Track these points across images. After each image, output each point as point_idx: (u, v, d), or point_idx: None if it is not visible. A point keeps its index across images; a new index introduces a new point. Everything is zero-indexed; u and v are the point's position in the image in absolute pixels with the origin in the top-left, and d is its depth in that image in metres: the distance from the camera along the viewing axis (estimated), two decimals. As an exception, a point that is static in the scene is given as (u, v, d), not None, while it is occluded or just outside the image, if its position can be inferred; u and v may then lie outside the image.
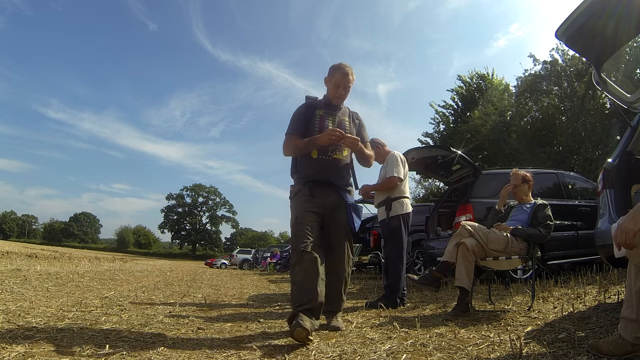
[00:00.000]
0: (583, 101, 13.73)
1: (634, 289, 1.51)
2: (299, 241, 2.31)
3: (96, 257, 16.70)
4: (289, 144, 2.45)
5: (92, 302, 3.54)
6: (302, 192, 2.43)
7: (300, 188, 2.45)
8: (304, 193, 2.42)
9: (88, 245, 69.08)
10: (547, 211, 3.05)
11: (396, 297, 3.42)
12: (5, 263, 8.33)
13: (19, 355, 1.71)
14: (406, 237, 3.61)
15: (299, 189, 2.45)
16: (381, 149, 3.80)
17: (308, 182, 2.44)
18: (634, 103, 3.00)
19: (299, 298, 2.27)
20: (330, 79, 2.54)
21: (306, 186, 2.44)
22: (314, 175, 2.45)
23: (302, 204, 2.40)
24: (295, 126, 2.48)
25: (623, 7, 2.56)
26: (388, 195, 3.63)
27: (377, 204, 3.82)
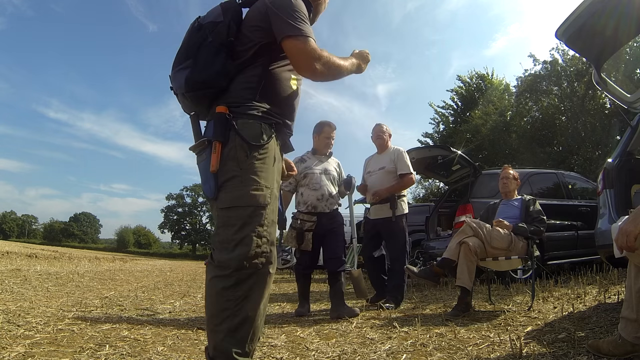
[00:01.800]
0: (583, 101, 13.72)
1: (634, 289, 1.51)
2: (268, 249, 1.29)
3: (96, 257, 16.69)
4: (330, 58, 1.38)
5: (92, 302, 3.54)
6: (272, 142, 1.36)
7: (270, 133, 1.36)
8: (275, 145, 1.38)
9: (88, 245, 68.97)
10: (537, 205, 3.15)
11: (402, 297, 3.44)
12: (5, 263, 8.32)
13: (19, 355, 1.71)
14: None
15: (268, 135, 1.35)
16: (388, 138, 3.67)
17: (281, 126, 1.42)
18: (634, 103, 3.00)
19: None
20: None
21: (280, 134, 1.42)
22: (290, 116, 1.46)
23: (274, 171, 1.37)
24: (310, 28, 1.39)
25: (623, 7, 2.56)
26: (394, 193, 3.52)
27: (376, 200, 3.58)
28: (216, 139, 1.28)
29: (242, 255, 1.22)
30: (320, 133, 3.30)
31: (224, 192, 1.27)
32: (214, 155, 1.27)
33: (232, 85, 1.35)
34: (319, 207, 3.17)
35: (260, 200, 1.28)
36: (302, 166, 3.24)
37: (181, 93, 1.38)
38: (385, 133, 3.66)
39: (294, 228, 3.18)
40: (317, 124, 3.35)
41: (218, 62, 1.32)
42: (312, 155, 3.33)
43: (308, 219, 3.16)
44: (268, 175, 1.32)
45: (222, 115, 1.29)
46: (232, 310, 1.20)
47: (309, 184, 3.20)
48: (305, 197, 3.19)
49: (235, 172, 1.27)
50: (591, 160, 13.28)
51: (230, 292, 1.21)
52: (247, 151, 1.29)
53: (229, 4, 1.41)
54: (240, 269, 1.22)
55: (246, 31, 1.37)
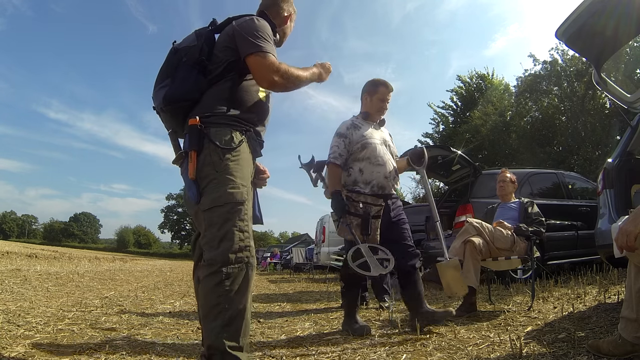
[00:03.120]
0: (583, 101, 13.72)
1: (634, 289, 1.51)
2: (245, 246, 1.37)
3: (96, 257, 16.69)
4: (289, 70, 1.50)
5: (92, 302, 3.54)
6: (244, 146, 1.48)
7: (241, 138, 1.47)
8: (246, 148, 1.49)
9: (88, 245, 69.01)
10: (535, 207, 3.18)
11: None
12: (5, 263, 8.32)
13: (19, 355, 1.71)
14: None
15: (238, 139, 1.46)
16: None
17: (251, 133, 1.52)
18: (634, 103, 3.00)
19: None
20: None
21: (250, 140, 1.52)
22: (260, 124, 1.58)
23: (248, 171, 1.49)
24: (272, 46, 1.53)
25: (623, 7, 2.56)
26: None
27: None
28: (191, 148, 1.40)
29: (227, 250, 1.31)
30: (374, 94, 2.57)
31: (204, 196, 1.38)
32: (191, 163, 1.39)
33: (204, 98, 1.48)
34: (387, 188, 2.46)
35: (237, 197, 1.38)
36: (358, 134, 2.48)
37: (160, 108, 1.51)
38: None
39: (355, 214, 2.37)
40: (370, 82, 2.61)
41: (192, 78, 1.47)
42: (364, 121, 2.58)
43: (374, 202, 2.41)
44: (243, 175, 1.43)
45: (194, 126, 1.41)
46: (223, 305, 1.27)
47: (370, 157, 2.44)
48: (367, 174, 2.43)
49: (212, 175, 1.38)
50: (591, 160, 13.27)
51: (220, 287, 1.28)
52: (221, 154, 1.40)
53: (202, 30, 1.58)
54: (227, 264, 1.30)
55: (217, 52, 1.52)
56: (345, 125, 2.52)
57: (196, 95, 1.47)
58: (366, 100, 2.60)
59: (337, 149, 2.45)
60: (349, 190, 2.42)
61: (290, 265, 11.61)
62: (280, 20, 1.69)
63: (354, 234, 2.28)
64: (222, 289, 1.28)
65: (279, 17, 1.69)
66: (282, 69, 1.46)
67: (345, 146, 2.45)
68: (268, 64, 1.44)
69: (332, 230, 8.62)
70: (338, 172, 2.44)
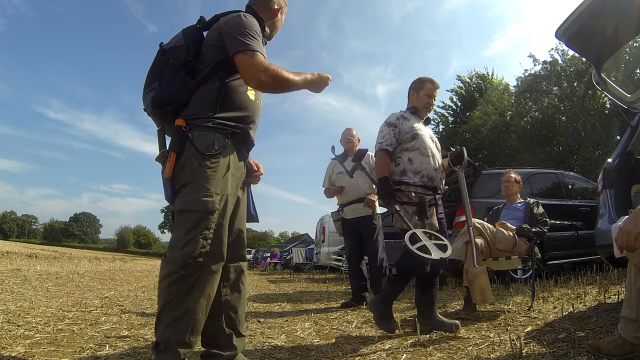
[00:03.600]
0: (583, 101, 13.73)
1: (634, 289, 1.51)
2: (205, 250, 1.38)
3: (96, 257, 16.69)
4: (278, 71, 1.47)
5: (92, 302, 3.54)
6: (225, 152, 1.46)
7: (223, 144, 1.46)
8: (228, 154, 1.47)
9: (88, 245, 69.04)
10: (540, 208, 3.19)
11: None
12: (5, 263, 8.33)
13: (19, 355, 1.71)
14: None
15: (220, 145, 1.45)
16: (357, 142, 3.84)
17: (237, 135, 1.51)
18: (634, 103, 3.00)
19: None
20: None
21: (237, 143, 1.52)
22: (249, 125, 1.56)
23: (227, 180, 1.46)
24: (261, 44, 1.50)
25: (623, 7, 2.56)
26: (369, 192, 3.65)
27: (353, 200, 3.70)
28: (171, 149, 1.42)
29: (188, 254, 1.35)
30: (420, 89, 2.54)
31: (178, 197, 1.41)
32: (169, 163, 1.40)
33: (192, 99, 1.47)
34: (436, 180, 2.41)
35: (209, 205, 1.39)
36: (407, 124, 2.43)
37: (149, 112, 1.51)
38: (354, 137, 3.83)
39: (409, 203, 2.30)
40: (417, 79, 2.60)
41: (179, 80, 1.46)
42: (411, 115, 2.53)
43: (424, 192, 2.35)
44: (219, 183, 1.42)
45: (179, 127, 1.43)
46: (175, 302, 1.34)
47: (419, 147, 2.38)
48: (416, 164, 2.36)
49: (189, 179, 1.40)
50: (591, 160, 13.28)
51: (175, 286, 1.35)
52: (200, 160, 1.41)
53: (189, 29, 1.55)
54: (185, 266, 1.35)
55: (205, 50, 1.51)
56: (395, 115, 2.48)
57: (184, 97, 1.47)
58: (413, 96, 2.57)
59: (388, 136, 2.39)
60: (397, 182, 2.34)
61: (290, 265, 11.61)
62: (270, 13, 1.67)
63: (406, 221, 2.20)
64: (177, 288, 1.34)
65: (268, 10, 1.66)
66: (270, 68, 1.44)
67: (395, 135, 2.38)
68: (256, 62, 1.42)
69: (332, 230, 8.61)
70: (387, 159, 2.37)
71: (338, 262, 7.98)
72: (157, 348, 1.35)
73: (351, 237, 3.75)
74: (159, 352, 1.34)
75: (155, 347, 1.36)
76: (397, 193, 2.30)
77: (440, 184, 2.45)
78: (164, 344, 1.33)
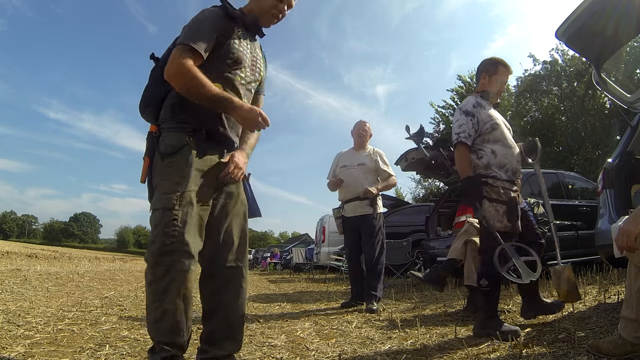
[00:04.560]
0: (583, 101, 13.73)
1: (634, 289, 1.51)
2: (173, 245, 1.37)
3: (96, 257, 16.69)
4: (190, 69, 1.38)
5: (92, 302, 3.54)
6: (185, 150, 1.43)
7: (182, 142, 1.43)
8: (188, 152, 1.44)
9: (88, 245, 69.06)
10: (542, 208, 3.13)
11: (381, 295, 3.43)
12: (5, 263, 8.33)
13: (19, 355, 1.71)
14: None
15: (180, 143, 1.43)
16: (368, 138, 3.71)
17: (201, 133, 1.47)
18: (634, 103, 3.00)
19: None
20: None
21: (197, 140, 1.46)
22: (214, 122, 1.51)
23: (188, 176, 1.42)
24: (201, 37, 1.42)
25: (623, 7, 2.56)
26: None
27: (352, 197, 3.52)
28: (145, 155, 1.48)
29: (153, 253, 1.36)
30: (493, 73, 2.34)
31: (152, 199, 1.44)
32: (143, 168, 1.46)
33: (164, 102, 1.50)
34: (518, 173, 2.27)
35: (165, 202, 1.38)
36: (484, 113, 2.24)
37: (141, 116, 1.57)
38: (367, 132, 3.70)
39: (499, 201, 2.14)
40: (489, 61, 2.38)
41: (152, 84, 1.51)
42: (484, 101, 2.33)
43: (510, 188, 2.18)
44: (181, 180, 1.40)
45: (150, 134, 1.49)
46: (156, 304, 1.35)
47: (501, 139, 2.22)
48: (500, 157, 2.19)
49: (157, 180, 1.43)
50: (591, 160, 13.28)
51: (152, 286, 1.37)
52: (162, 161, 1.43)
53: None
54: (155, 265, 1.36)
55: None
56: (470, 103, 2.28)
57: (156, 101, 1.50)
58: (484, 80, 2.37)
59: (466, 127, 2.18)
60: (483, 176, 2.16)
61: (290, 265, 11.61)
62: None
63: (496, 235, 2.06)
64: (155, 289, 1.37)
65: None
66: (187, 67, 1.36)
67: (473, 125, 2.19)
68: (176, 55, 1.38)
69: (332, 230, 8.62)
70: (467, 153, 2.18)
71: (338, 262, 7.98)
72: (153, 349, 1.38)
73: (351, 236, 3.63)
74: (152, 353, 1.38)
75: (151, 349, 1.39)
76: (485, 187, 2.14)
77: (520, 175, 2.28)
78: (155, 344, 1.37)
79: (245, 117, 1.45)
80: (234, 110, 1.44)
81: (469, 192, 2.19)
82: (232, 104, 1.43)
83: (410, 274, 3.12)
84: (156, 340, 1.36)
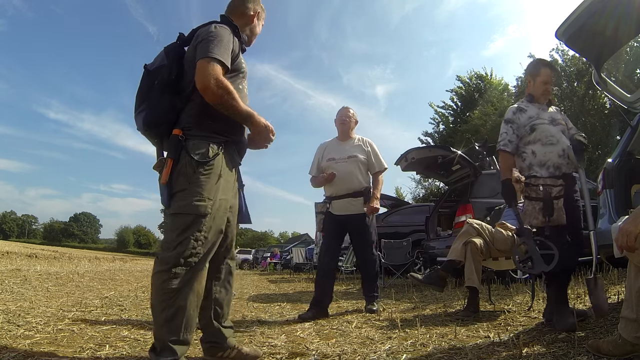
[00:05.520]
0: (583, 101, 13.74)
1: (634, 289, 1.51)
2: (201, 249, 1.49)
3: (96, 257, 16.69)
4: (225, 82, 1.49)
5: (92, 302, 3.54)
6: (218, 160, 1.54)
7: (217, 151, 1.54)
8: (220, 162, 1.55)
9: (88, 245, 69.03)
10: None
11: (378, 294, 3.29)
12: (5, 263, 8.33)
13: (19, 355, 1.71)
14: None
15: (214, 153, 1.53)
16: (353, 124, 3.36)
17: (230, 144, 1.60)
18: (634, 103, 3.00)
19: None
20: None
21: (228, 151, 1.60)
22: (238, 134, 1.64)
23: (218, 186, 1.53)
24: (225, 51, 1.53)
25: (623, 7, 2.56)
26: (366, 186, 3.21)
27: (344, 193, 3.17)
28: (169, 156, 1.50)
29: (180, 254, 1.43)
30: (536, 76, 2.46)
31: (174, 201, 1.49)
32: (165, 169, 1.48)
33: (182, 115, 1.54)
34: (564, 167, 2.30)
35: (201, 210, 1.47)
36: (524, 117, 2.38)
37: (142, 132, 1.59)
38: (351, 118, 3.33)
39: (535, 199, 2.27)
40: (533, 64, 2.55)
41: (165, 101, 1.53)
42: (529, 103, 2.46)
43: (553, 184, 2.26)
44: (211, 189, 1.50)
45: (175, 137, 1.50)
46: (168, 302, 1.40)
47: (541, 138, 2.33)
48: (540, 156, 2.31)
49: (184, 185, 1.47)
50: (591, 160, 13.27)
51: (167, 285, 1.41)
52: (195, 167, 1.48)
53: (170, 47, 1.60)
54: (176, 265, 1.42)
55: (187, 67, 1.56)
56: (511, 110, 2.45)
57: (172, 117, 1.54)
58: (530, 83, 2.51)
59: (506, 135, 2.39)
60: (527, 177, 2.32)
61: (290, 265, 11.61)
62: (246, 19, 1.74)
63: (522, 223, 2.25)
64: (169, 287, 1.41)
65: (244, 16, 1.73)
66: (223, 80, 1.46)
67: (514, 131, 2.37)
68: (210, 69, 1.45)
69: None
70: (508, 159, 2.37)
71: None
72: (155, 349, 1.40)
73: (334, 236, 3.21)
74: (157, 353, 1.39)
75: (152, 349, 1.41)
76: (526, 188, 2.30)
77: (570, 168, 2.30)
78: (161, 344, 1.39)
79: (260, 132, 1.61)
80: (253, 124, 1.59)
81: (502, 194, 2.38)
82: (254, 118, 1.58)
83: (410, 275, 3.11)
84: (167, 339, 1.39)
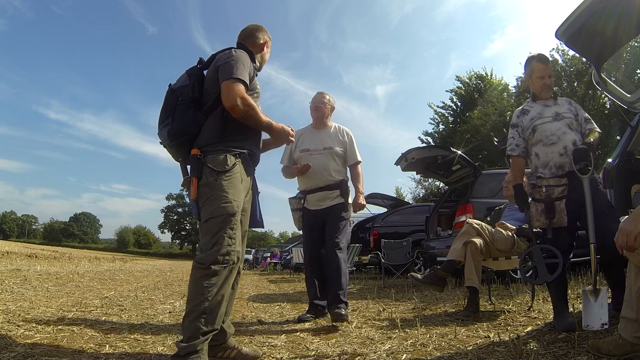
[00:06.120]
0: (583, 101, 13.72)
1: (634, 289, 1.51)
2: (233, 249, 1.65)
3: (96, 257, 16.69)
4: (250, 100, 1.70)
5: (92, 302, 3.54)
6: (236, 168, 1.72)
7: (233, 162, 1.72)
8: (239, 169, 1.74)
9: (88, 245, 68.97)
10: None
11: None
12: (5, 263, 8.33)
13: (18, 355, 1.71)
14: None
15: (232, 162, 1.71)
16: (328, 112, 3.06)
17: (245, 155, 1.79)
18: (634, 103, 3.01)
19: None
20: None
21: (244, 162, 1.78)
22: (254, 146, 1.85)
23: (241, 188, 1.74)
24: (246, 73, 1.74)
25: (623, 7, 2.56)
26: (342, 178, 2.96)
27: (318, 186, 2.92)
28: (192, 175, 1.68)
29: (217, 252, 1.59)
30: (531, 73, 2.40)
31: (203, 211, 1.66)
32: (192, 187, 1.67)
33: (203, 129, 1.73)
34: (567, 166, 2.22)
35: (229, 209, 1.65)
36: (526, 119, 2.36)
37: (167, 144, 1.77)
38: (326, 104, 3.02)
39: (538, 200, 2.27)
40: (527, 60, 2.45)
41: (189, 114, 1.72)
42: (533, 102, 2.42)
43: (556, 184, 2.24)
44: (235, 192, 1.68)
45: (195, 156, 1.69)
46: (206, 296, 1.55)
47: (542, 138, 2.29)
48: (542, 157, 2.29)
49: (209, 194, 1.65)
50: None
51: (206, 280, 1.57)
52: (216, 176, 1.66)
53: (192, 70, 1.82)
54: (215, 263, 1.58)
55: (207, 86, 1.77)
56: (515, 114, 2.46)
57: (195, 129, 1.72)
58: (528, 82, 2.48)
59: (513, 140, 2.41)
60: (535, 178, 2.34)
61: (290, 265, 11.60)
62: (257, 48, 1.95)
63: (531, 228, 2.31)
64: (208, 282, 1.57)
65: (255, 45, 1.94)
66: (247, 98, 1.68)
67: (520, 134, 2.38)
68: (236, 88, 1.65)
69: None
70: (518, 163, 2.40)
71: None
72: (183, 341, 1.53)
73: (313, 231, 2.97)
74: (186, 343, 1.51)
75: (180, 341, 1.54)
76: (533, 190, 2.33)
77: (574, 165, 2.14)
78: (190, 335, 1.52)
79: (279, 135, 1.90)
80: (272, 130, 1.87)
81: (515, 198, 2.41)
82: (272, 125, 1.84)
83: (409, 275, 3.10)
84: (200, 330, 1.52)
